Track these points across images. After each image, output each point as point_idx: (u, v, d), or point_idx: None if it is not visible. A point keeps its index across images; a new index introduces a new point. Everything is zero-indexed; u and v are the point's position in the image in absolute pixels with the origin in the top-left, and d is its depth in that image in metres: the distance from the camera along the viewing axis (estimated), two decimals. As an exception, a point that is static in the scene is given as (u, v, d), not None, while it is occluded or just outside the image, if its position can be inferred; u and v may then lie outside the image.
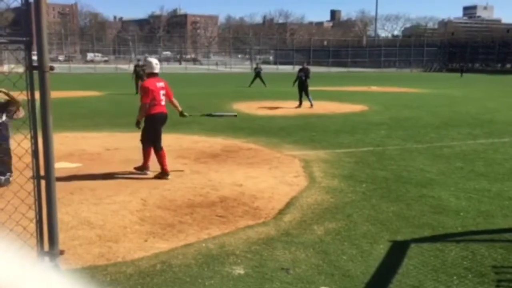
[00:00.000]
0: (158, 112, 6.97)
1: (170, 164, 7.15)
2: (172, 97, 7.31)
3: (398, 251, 4.41)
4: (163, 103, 7.03)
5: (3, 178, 6.27)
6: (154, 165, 7.10)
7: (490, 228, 5.05)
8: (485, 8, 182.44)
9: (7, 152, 6.30)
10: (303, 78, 17.70)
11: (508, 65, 68.66)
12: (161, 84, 7.06)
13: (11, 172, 6.33)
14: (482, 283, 3.75)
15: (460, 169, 7.81)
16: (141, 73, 24.20)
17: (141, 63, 26.01)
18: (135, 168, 7.21)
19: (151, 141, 7.07)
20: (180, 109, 7.49)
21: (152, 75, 7.11)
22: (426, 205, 5.82)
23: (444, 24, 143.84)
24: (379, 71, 66.45)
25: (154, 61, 7.23)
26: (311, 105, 17.44)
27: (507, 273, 3.98)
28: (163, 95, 7.04)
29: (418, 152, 9.21)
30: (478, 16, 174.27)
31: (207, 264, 4.07)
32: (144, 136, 7.14)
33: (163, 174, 6.98)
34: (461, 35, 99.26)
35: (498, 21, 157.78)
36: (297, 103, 17.71)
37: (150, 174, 7.09)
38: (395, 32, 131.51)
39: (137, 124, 7.02)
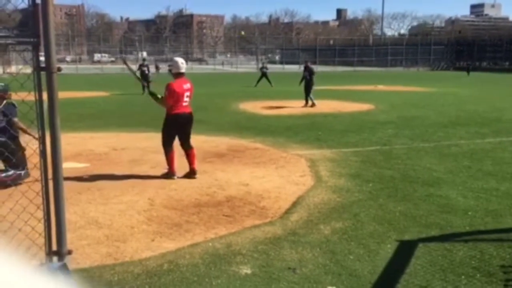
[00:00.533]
0: (180, 113, 6.82)
1: (175, 164, 7.15)
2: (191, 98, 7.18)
3: (405, 250, 4.39)
4: (185, 104, 6.86)
5: (22, 172, 6.35)
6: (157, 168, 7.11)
7: (498, 228, 5.02)
8: (492, 6, 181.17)
9: (19, 148, 6.35)
10: (308, 77, 17.84)
11: (516, 63, 68.16)
12: (187, 85, 6.86)
13: (27, 165, 6.40)
14: (490, 283, 3.73)
15: (468, 168, 7.77)
16: (146, 72, 24.37)
17: (146, 62, 26.15)
18: (161, 175, 7.01)
19: (170, 143, 6.94)
20: None
21: (179, 75, 6.86)
22: (433, 204, 5.79)
23: (451, 22, 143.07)
24: (385, 70, 66.21)
25: (180, 60, 6.94)
26: (313, 104, 17.50)
27: (516, 273, 3.95)
28: (187, 96, 6.84)
29: (425, 151, 9.17)
30: (486, 14, 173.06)
31: (214, 264, 4.08)
32: (164, 137, 6.98)
33: (169, 174, 6.96)
34: (469, 33, 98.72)
35: (505, 19, 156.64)
36: (303, 102, 17.76)
37: (177, 177, 6.91)
38: (402, 31, 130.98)
39: (153, 95, 7.02)
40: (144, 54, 51.69)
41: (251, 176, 7.10)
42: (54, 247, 3.30)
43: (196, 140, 10.22)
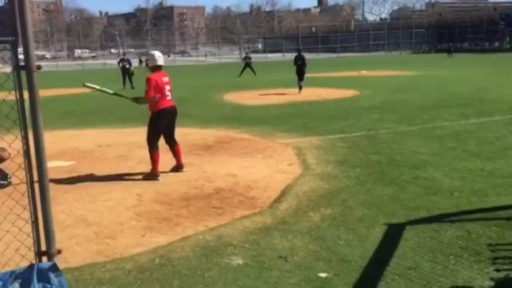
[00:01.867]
0: (166, 107, 6.68)
1: (162, 158, 7.10)
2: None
3: (394, 234, 4.44)
4: (168, 97, 6.72)
5: (5, 182, 6.19)
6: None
7: (484, 207, 5.10)
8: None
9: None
10: (299, 63, 18.55)
11: (496, 44, 68.98)
12: (166, 78, 6.72)
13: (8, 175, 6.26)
14: (478, 262, 3.80)
15: (452, 149, 7.86)
16: (127, 67, 24.13)
17: (126, 57, 25.84)
18: (144, 177, 6.68)
19: (156, 140, 6.73)
20: None
21: (157, 68, 6.72)
22: (420, 186, 5.86)
23: (431, 5, 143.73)
24: (368, 55, 66.50)
25: (156, 53, 6.82)
26: (300, 90, 18.12)
27: (502, 251, 4.02)
28: (169, 90, 6.70)
29: (410, 135, 9.25)
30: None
31: (205, 256, 4.09)
32: (150, 134, 6.74)
33: (152, 175, 6.65)
34: (449, 16, 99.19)
35: (485, 0, 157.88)
36: (288, 90, 17.86)
37: (161, 178, 6.61)
38: (383, 15, 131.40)
39: (135, 99, 6.94)
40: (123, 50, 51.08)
41: (238, 167, 7.10)
42: (43, 247, 3.27)
43: (182, 133, 10.17)
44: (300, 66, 18.44)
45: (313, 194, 5.72)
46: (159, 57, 6.78)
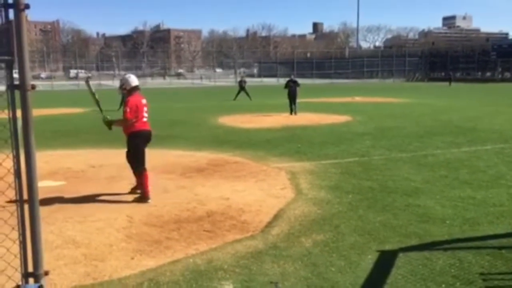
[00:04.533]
0: (143, 129, 6.67)
1: (154, 179, 7.08)
2: None
3: (386, 261, 4.42)
4: (145, 119, 6.73)
5: None
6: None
7: (476, 235, 5.09)
8: (464, 18, 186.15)
9: None
10: (293, 88, 19.44)
11: (488, 74, 69.95)
12: (144, 101, 6.77)
13: None
14: (470, 291, 3.77)
15: (444, 177, 7.89)
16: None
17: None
18: (135, 200, 6.59)
19: (143, 162, 6.68)
20: None
21: (134, 90, 6.75)
22: (412, 214, 5.85)
23: (424, 34, 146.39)
24: (362, 82, 67.18)
25: (129, 75, 6.94)
26: (295, 113, 18.95)
27: (494, 280, 4.00)
28: (146, 112, 6.73)
29: (403, 162, 9.28)
30: (458, 26, 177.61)
31: (195, 280, 4.03)
32: (134, 156, 6.72)
33: (142, 198, 6.56)
34: (442, 45, 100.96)
35: (477, 31, 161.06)
36: (282, 115, 18.01)
37: (151, 201, 6.49)
38: (377, 43, 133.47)
39: (108, 123, 6.80)
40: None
41: (231, 190, 7.07)
42: (30, 268, 3.21)
43: (175, 155, 10.19)
44: (292, 88, 19.33)
45: (305, 219, 5.70)
46: (134, 79, 6.88)
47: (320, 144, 11.56)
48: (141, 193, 6.67)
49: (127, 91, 6.78)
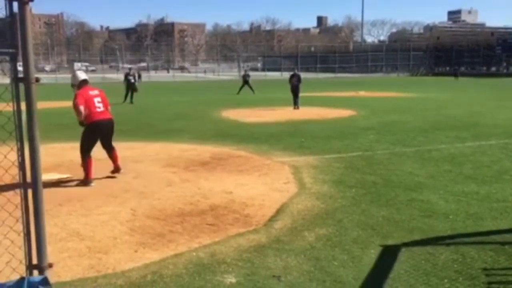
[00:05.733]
0: (99, 119, 7.09)
1: (158, 173, 7.09)
2: (107, 106, 7.39)
3: (389, 255, 4.42)
4: (100, 110, 7.11)
5: None
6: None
7: (479, 231, 5.08)
8: (469, 12, 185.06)
9: None
10: (296, 83, 19.64)
11: (493, 68, 69.65)
12: (94, 92, 7.20)
13: None
14: (473, 286, 3.77)
15: (448, 172, 7.87)
16: (132, 81, 24.35)
17: (132, 71, 26.21)
18: (78, 184, 7.09)
19: (87, 152, 7.16)
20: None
21: (82, 84, 7.20)
22: (415, 209, 5.85)
23: (429, 28, 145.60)
24: (366, 76, 66.95)
25: (76, 72, 7.49)
26: (297, 107, 19.18)
27: (497, 275, 4.00)
28: (99, 102, 7.12)
29: (406, 156, 9.27)
30: (463, 20, 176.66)
31: (198, 273, 4.05)
32: (83, 145, 7.18)
33: (85, 182, 7.04)
34: (447, 39, 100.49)
35: (482, 25, 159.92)
36: (286, 109, 18.04)
37: (94, 184, 7.03)
38: (382, 37, 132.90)
39: (81, 123, 7.26)
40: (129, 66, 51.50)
41: (234, 184, 7.08)
42: (34, 260, 3.24)
43: (178, 148, 10.20)
44: (294, 83, 19.51)
45: (308, 213, 5.70)
46: (80, 73, 7.39)
47: (323, 139, 11.55)
48: (83, 177, 7.09)
49: (77, 87, 7.24)
